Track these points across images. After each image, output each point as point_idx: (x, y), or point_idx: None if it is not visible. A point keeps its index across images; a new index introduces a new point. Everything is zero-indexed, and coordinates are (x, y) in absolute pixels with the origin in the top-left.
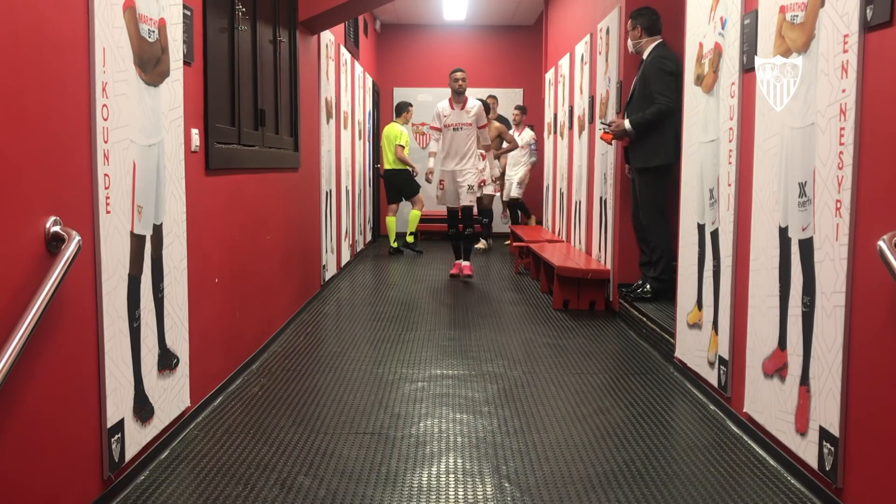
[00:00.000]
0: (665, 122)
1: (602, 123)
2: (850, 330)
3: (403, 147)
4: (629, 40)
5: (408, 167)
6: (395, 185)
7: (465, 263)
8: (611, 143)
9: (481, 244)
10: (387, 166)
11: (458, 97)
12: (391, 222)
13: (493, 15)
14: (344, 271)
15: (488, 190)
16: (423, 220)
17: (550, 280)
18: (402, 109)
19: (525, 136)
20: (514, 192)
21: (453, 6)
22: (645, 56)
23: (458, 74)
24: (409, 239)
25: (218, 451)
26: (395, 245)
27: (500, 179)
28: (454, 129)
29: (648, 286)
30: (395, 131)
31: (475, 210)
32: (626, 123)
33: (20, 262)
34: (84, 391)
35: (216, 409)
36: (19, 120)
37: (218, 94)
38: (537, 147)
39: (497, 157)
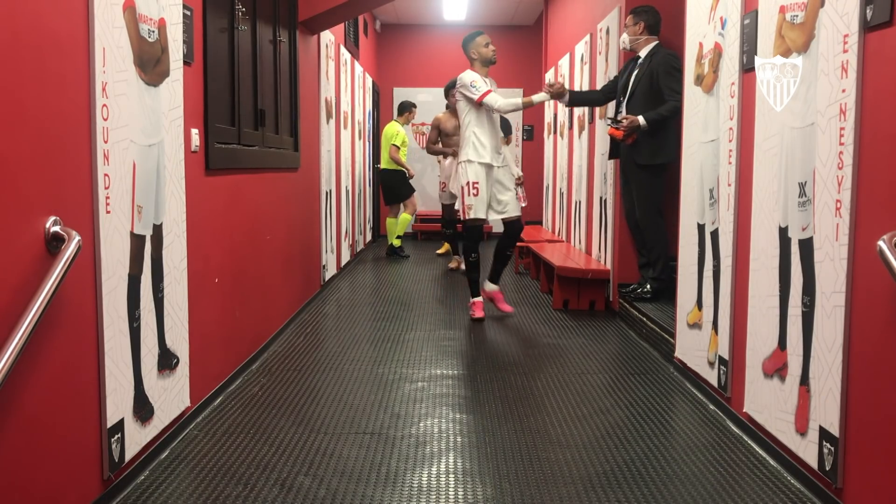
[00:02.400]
0: (671, 119)
1: (609, 119)
2: (850, 330)
3: (398, 148)
4: (625, 35)
5: (401, 168)
6: (388, 185)
7: (493, 288)
8: (620, 140)
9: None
10: (382, 166)
11: (486, 69)
12: (391, 224)
13: (493, 15)
14: (344, 271)
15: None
16: (422, 220)
17: (550, 280)
18: (405, 109)
19: None
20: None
21: (453, 6)
22: (642, 54)
23: (487, 39)
24: (396, 243)
25: (218, 451)
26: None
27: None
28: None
29: (648, 286)
30: (392, 130)
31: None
32: (641, 120)
33: (20, 262)
34: (84, 391)
35: (216, 409)
36: (19, 120)
37: (218, 94)
38: None
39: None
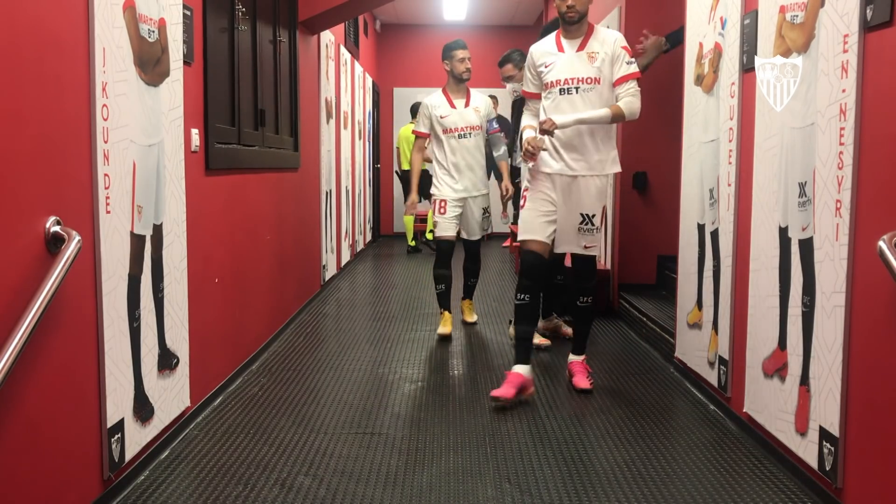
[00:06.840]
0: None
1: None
2: (850, 330)
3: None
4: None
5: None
6: (421, 184)
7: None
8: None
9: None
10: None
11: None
12: (409, 221)
13: (493, 15)
14: (344, 271)
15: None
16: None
17: None
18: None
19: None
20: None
21: (453, 6)
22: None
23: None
24: (412, 243)
25: (218, 451)
26: (412, 244)
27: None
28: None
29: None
30: None
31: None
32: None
33: (20, 262)
34: (84, 391)
35: (216, 409)
36: (19, 120)
37: (218, 94)
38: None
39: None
